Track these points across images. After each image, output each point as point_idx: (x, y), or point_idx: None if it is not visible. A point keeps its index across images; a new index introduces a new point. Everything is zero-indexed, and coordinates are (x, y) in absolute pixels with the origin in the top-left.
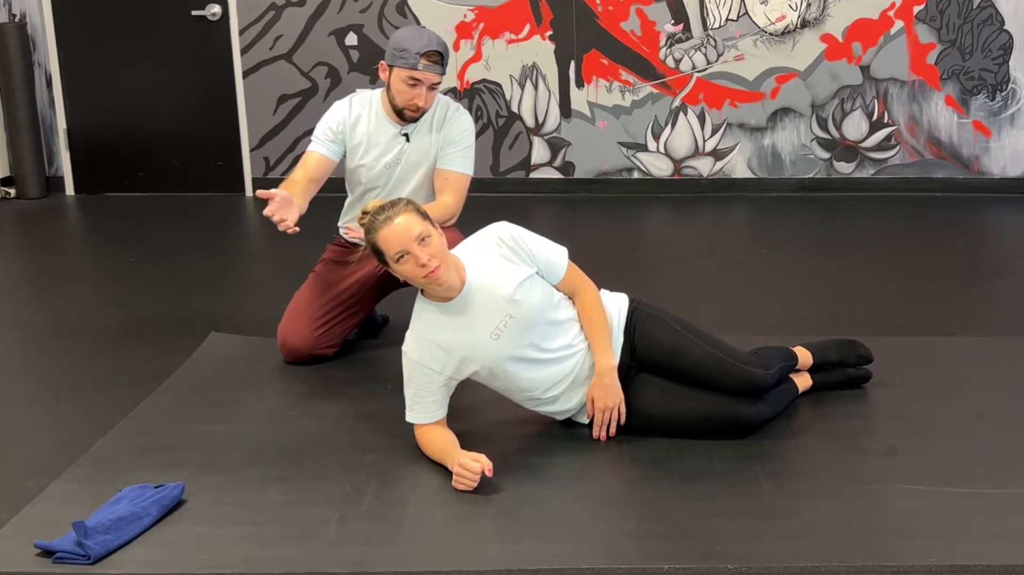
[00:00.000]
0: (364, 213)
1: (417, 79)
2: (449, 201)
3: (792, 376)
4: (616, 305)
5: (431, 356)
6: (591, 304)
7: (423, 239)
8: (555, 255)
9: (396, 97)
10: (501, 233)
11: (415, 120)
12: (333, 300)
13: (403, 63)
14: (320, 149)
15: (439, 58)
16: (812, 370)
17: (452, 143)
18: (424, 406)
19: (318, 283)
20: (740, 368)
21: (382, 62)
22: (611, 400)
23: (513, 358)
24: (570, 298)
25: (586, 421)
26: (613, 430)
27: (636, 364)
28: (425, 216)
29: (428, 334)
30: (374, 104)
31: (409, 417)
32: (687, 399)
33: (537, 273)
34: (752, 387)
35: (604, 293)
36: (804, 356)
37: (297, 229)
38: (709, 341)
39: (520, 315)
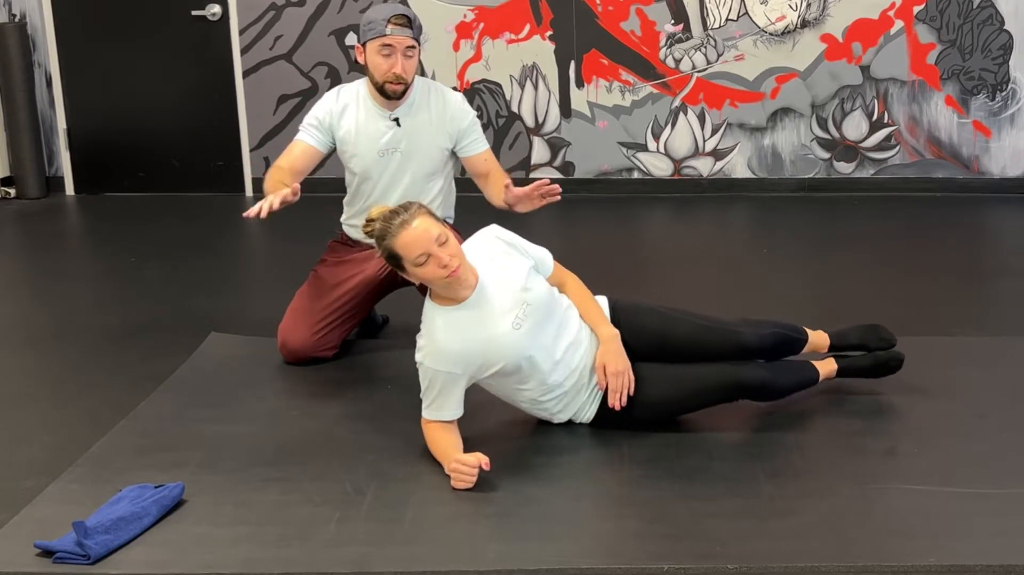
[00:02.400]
0: (370, 220)
1: (389, 44)
2: (500, 175)
3: (814, 362)
4: (601, 304)
5: (453, 360)
6: (579, 288)
7: (442, 241)
8: (542, 252)
9: (375, 73)
10: (494, 233)
11: (399, 96)
12: (334, 303)
13: (372, 34)
14: (306, 138)
15: (407, 21)
16: (837, 356)
17: (469, 132)
18: (446, 407)
19: (319, 285)
20: (727, 332)
21: (357, 45)
22: (621, 364)
23: (535, 347)
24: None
25: (587, 420)
26: (624, 398)
27: (628, 355)
28: (437, 217)
29: (448, 337)
30: (361, 92)
31: (427, 415)
32: (686, 376)
33: (533, 267)
34: (741, 348)
35: None
36: (819, 337)
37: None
38: (693, 315)
39: (535, 302)
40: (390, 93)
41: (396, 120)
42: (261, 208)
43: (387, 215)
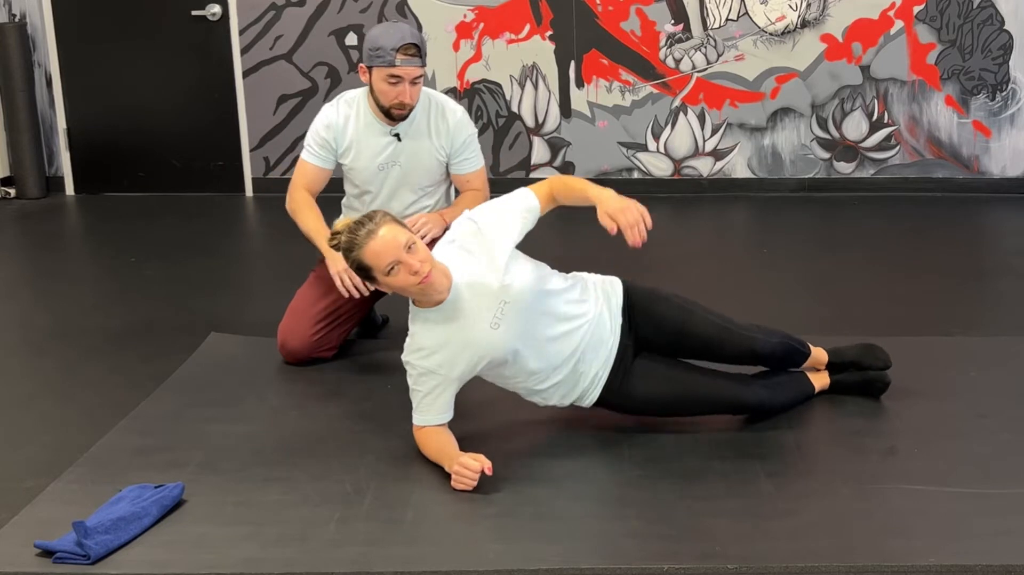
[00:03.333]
0: (335, 234)
1: (398, 75)
2: (477, 191)
3: (809, 375)
4: (612, 287)
5: (436, 361)
6: (561, 183)
7: (410, 247)
8: (519, 203)
9: (381, 98)
10: (467, 225)
11: (403, 118)
12: (333, 303)
13: (381, 62)
14: (314, 160)
15: (416, 50)
16: (830, 371)
17: (462, 151)
18: (434, 410)
19: (318, 285)
20: (742, 336)
21: (361, 65)
22: (623, 202)
23: (519, 342)
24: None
25: (587, 405)
26: (643, 229)
27: (635, 343)
28: (403, 224)
29: (429, 340)
30: (361, 105)
31: (417, 420)
32: (689, 382)
33: (513, 252)
34: (753, 353)
35: (596, 276)
36: (819, 353)
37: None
38: (708, 311)
39: (514, 298)
40: (395, 117)
41: (396, 135)
42: (353, 289)
43: (352, 227)
